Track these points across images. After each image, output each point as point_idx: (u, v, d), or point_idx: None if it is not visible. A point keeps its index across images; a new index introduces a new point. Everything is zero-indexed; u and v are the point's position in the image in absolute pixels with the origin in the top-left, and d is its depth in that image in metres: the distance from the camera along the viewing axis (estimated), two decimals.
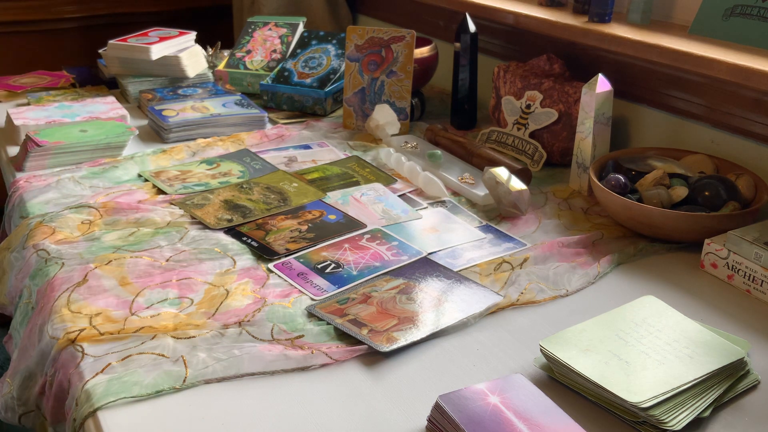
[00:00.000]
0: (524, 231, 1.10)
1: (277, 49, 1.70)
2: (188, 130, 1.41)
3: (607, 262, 1.00)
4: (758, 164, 1.14)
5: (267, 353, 0.80)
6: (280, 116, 1.54)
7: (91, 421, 0.72)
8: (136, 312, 0.87)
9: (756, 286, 0.94)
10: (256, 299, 0.90)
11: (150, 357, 0.79)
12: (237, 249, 1.01)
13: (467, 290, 0.93)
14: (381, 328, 0.84)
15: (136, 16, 2.34)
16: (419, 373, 0.79)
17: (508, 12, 1.46)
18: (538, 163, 1.32)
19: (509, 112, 1.38)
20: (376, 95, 1.47)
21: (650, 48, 1.19)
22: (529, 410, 0.68)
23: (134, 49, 1.59)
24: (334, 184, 1.22)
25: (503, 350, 0.83)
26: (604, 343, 0.79)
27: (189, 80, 1.65)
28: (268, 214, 1.11)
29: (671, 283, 0.98)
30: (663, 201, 1.06)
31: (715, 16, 1.20)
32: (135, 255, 0.98)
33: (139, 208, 1.10)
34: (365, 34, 1.47)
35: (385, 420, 0.72)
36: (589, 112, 1.18)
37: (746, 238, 0.95)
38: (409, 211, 1.14)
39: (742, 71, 1.06)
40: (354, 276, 0.96)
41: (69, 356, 0.80)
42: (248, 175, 1.25)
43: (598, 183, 1.09)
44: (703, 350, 0.78)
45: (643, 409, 0.69)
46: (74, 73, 1.73)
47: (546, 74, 1.36)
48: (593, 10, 1.32)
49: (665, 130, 1.29)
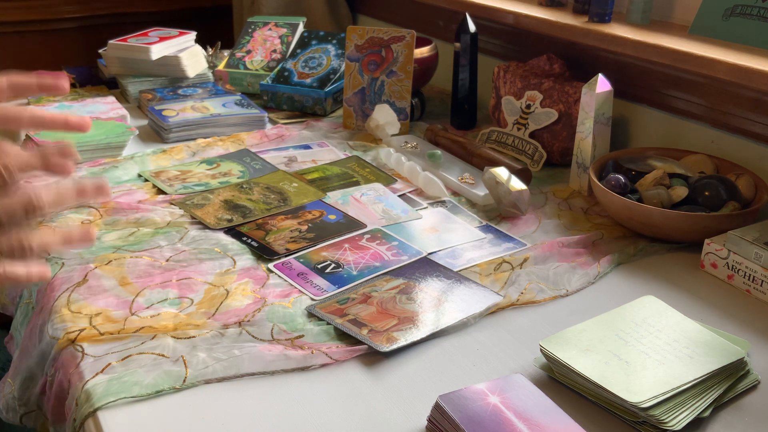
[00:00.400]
0: (524, 231, 1.10)
1: (277, 49, 1.70)
2: (188, 130, 1.41)
3: (607, 262, 1.00)
4: (758, 164, 1.14)
5: (267, 353, 0.80)
6: (280, 116, 1.54)
7: (91, 421, 0.72)
8: (136, 312, 0.87)
9: (756, 286, 0.94)
10: (256, 299, 0.90)
11: (150, 357, 0.79)
12: (237, 249, 1.01)
13: (467, 290, 0.93)
14: (381, 328, 0.84)
15: (136, 16, 2.33)
16: (419, 373, 0.79)
17: (508, 12, 1.46)
18: (538, 163, 1.32)
19: (509, 112, 1.38)
20: (376, 95, 1.47)
21: (650, 48, 1.19)
22: (529, 410, 0.68)
23: (134, 49, 1.59)
24: (334, 184, 1.22)
25: (503, 350, 0.83)
26: (604, 343, 0.79)
27: (189, 80, 1.65)
28: (268, 214, 1.11)
29: (671, 283, 0.98)
30: (663, 201, 1.06)
31: (715, 16, 1.20)
32: (135, 255, 0.99)
33: (139, 208, 1.10)
34: (365, 34, 1.47)
35: (385, 420, 0.73)
36: (589, 112, 1.18)
37: (746, 238, 0.95)
38: (409, 211, 1.14)
39: (742, 71, 1.06)
40: (354, 276, 0.96)
41: (69, 356, 0.80)
42: (248, 175, 1.25)
43: (598, 183, 1.09)
44: (703, 350, 0.78)
45: (643, 409, 0.69)
46: (74, 73, 1.73)
47: (546, 74, 1.36)
48: (593, 10, 1.32)
49: (665, 130, 1.29)
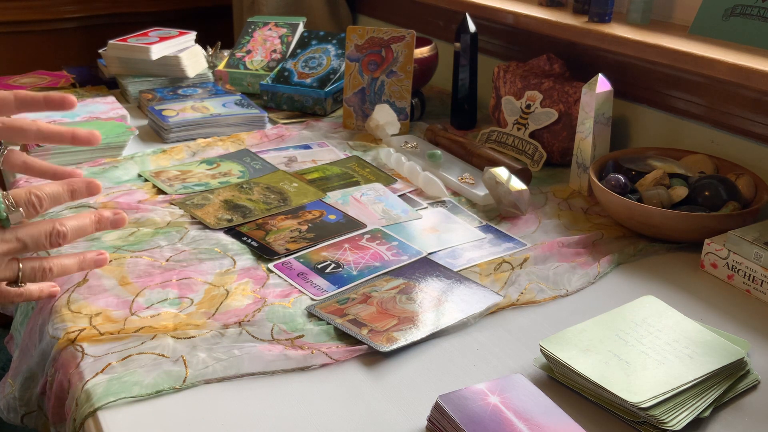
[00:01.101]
0: (524, 231, 1.10)
1: (277, 49, 1.70)
2: (188, 130, 1.41)
3: (607, 262, 1.00)
4: (758, 164, 1.14)
5: (267, 353, 0.80)
6: (280, 116, 1.54)
7: (91, 421, 0.72)
8: (136, 312, 0.87)
9: (756, 286, 0.94)
10: (256, 299, 0.90)
11: (150, 357, 0.79)
12: (237, 249, 1.01)
13: (467, 290, 0.93)
14: (381, 328, 0.84)
15: (136, 16, 2.34)
16: (419, 373, 0.79)
17: (508, 12, 1.46)
18: (538, 163, 1.32)
19: (509, 112, 1.38)
20: (376, 95, 1.47)
21: (650, 48, 1.19)
22: (529, 410, 0.68)
23: (134, 49, 1.59)
24: (334, 184, 1.22)
25: (503, 350, 0.83)
26: (604, 343, 0.79)
27: (189, 80, 1.65)
28: (268, 214, 1.11)
29: (671, 283, 0.98)
30: (663, 201, 1.06)
31: (715, 16, 1.20)
32: (135, 255, 0.99)
33: (139, 208, 1.10)
34: (365, 34, 1.47)
35: (385, 420, 0.73)
36: (589, 112, 1.18)
37: (746, 238, 0.95)
38: (409, 211, 1.14)
39: (742, 71, 1.06)
40: (354, 276, 0.96)
41: (69, 356, 0.80)
42: (248, 175, 1.25)
43: (598, 183, 1.09)
44: (703, 350, 0.78)
45: (643, 409, 0.69)
46: (74, 73, 1.73)
47: (546, 74, 1.36)
48: (593, 10, 1.32)
49: (665, 130, 1.29)
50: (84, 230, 0.81)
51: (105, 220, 0.82)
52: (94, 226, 0.81)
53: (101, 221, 0.82)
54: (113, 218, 0.82)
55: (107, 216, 0.81)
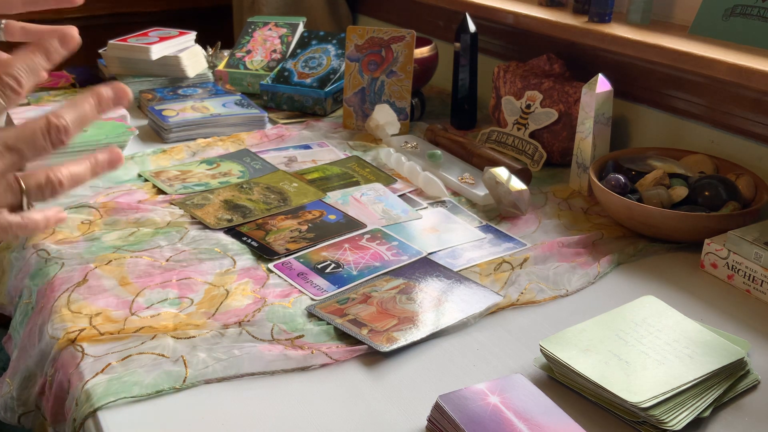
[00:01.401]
0: (524, 231, 1.10)
1: (277, 49, 1.70)
2: (188, 130, 1.41)
3: (607, 262, 1.00)
4: (758, 164, 1.14)
5: (267, 353, 0.80)
6: (280, 116, 1.54)
7: (91, 421, 0.72)
8: (136, 312, 0.87)
9: (756, 286, 0.94)
10: (256, 299, 0.90)
11: (150, 357, 0.79)
12: (237, 249, 1.01)
13: (467, 290, 0.93)
14: (381, 328, 0.84)
15: (136, 16, 2.33)
16: (419, 373, 0.79)
17: (508, 12, 1.46)
18: (538, 163, 1.32)
19: (509, 112, 1.38)
20: (376, 95, 1.47)
21: (650, 48, 1.19)
22: (529, 410, 0.68)
23: (134, 49, 1.59)
24: (334, 184, 1.22)
25: (503, 350, 0.83)
26: (604, 343, 0.79)
27: (189, 80, 1.65)
28: (268, 214, 1.11)
29: (671, 283, 0.98)
30: (663, 201, 1.06)
31: (715, 16, 1.20)
32: (135, 255, 0.98)
33: (139, 208, 1.10)
34: (365, 34, 1.47)
35: (385, 420, 0.72)
36: (589, 112, 1.18)
37: (746, 238, 0.95)
38: (409, 211, 1.14)
39: (742, 71, 1.06)
40: (354, 276, 0.96)
41: (69, 356, 0.80)
42: (248, 175, 1.25)
43: (598, 183, 1.09)
44: (703, 350, 0.78)
45: (643, 409, 0.69)
46: (74, 73, 1.73)
47: (546, 74, 1.36)
48: (593, 10, 1.32)
49: (665, 130, 1.29)
50: (85, 118, 0.62)
51: (106, 99, 0.61)
52: (95, 110, 0.62)
53: (101, 101, 0.60)
54: (114, 96, 0.61)
55: (107, 95, 0.61)
